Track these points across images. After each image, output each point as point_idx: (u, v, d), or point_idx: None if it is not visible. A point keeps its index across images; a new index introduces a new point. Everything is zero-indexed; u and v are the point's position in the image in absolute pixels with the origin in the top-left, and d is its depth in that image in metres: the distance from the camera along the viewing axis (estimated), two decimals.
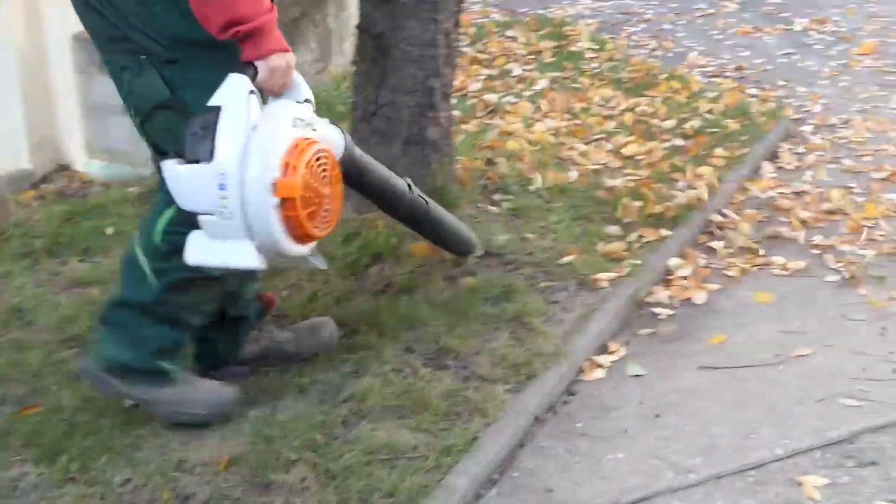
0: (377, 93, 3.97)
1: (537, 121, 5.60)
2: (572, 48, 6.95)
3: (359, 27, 4.06)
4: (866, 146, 5.48)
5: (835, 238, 4.48)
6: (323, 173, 2.74)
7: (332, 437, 3.07)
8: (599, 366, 3.55)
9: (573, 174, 4.68)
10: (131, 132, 3.14)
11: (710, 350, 3.66)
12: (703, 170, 4.83)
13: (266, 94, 2.77)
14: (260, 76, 2.69)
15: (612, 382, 3.48)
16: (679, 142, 5.27)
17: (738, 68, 6.84)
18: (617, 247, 4.16)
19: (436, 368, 3.40)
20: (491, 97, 6.00)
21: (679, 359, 3.61)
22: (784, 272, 4.22)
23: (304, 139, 2.70)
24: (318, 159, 2.71)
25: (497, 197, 4.39)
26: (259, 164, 2.60)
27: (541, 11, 8.21)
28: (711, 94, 5.97)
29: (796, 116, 5.87)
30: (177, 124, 2.72)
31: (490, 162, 4.69)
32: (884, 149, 5.43)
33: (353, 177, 3.10)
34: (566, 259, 4.02)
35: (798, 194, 4.91)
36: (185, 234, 2.76)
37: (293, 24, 5.41)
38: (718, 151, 5.11)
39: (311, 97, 2.92)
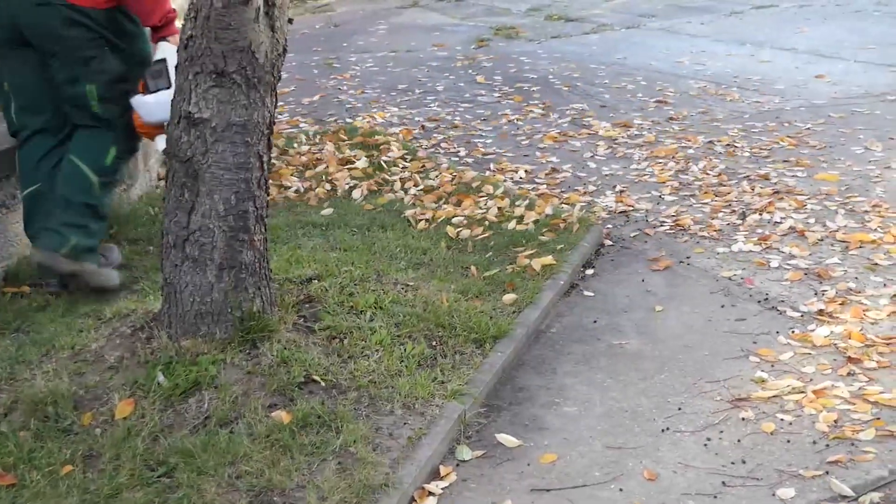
0: (188, 218, 3.83)
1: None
2: (384, 157, 6.92)
3: (166, 152, 3.93)
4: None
5: None
6: None
7: None
8: (431, 493, 3.47)
9: (391, 291, 4.59)
10: None
11: (542, 470, 3.60)
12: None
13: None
14: (172, 41, 4.53)
15: None
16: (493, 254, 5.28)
17: (548, 173, 6.92)
18: (441, 365, 4.09)
19: None
20: None
21: (511, 481, 3.54)
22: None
23: None
24: None
25: (315, 318, 4.25)
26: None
27: (349, 120, 8.18)
28: (523, 202, 6.00)
29: (606, 217, 5.97)
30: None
31: (308, 281, 4.57)
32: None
33: None
34: (390, 382, 3.92)
35: None
36: (124, 160, 4.97)
37: None
38: (535, 262, 5.12)
39: None
